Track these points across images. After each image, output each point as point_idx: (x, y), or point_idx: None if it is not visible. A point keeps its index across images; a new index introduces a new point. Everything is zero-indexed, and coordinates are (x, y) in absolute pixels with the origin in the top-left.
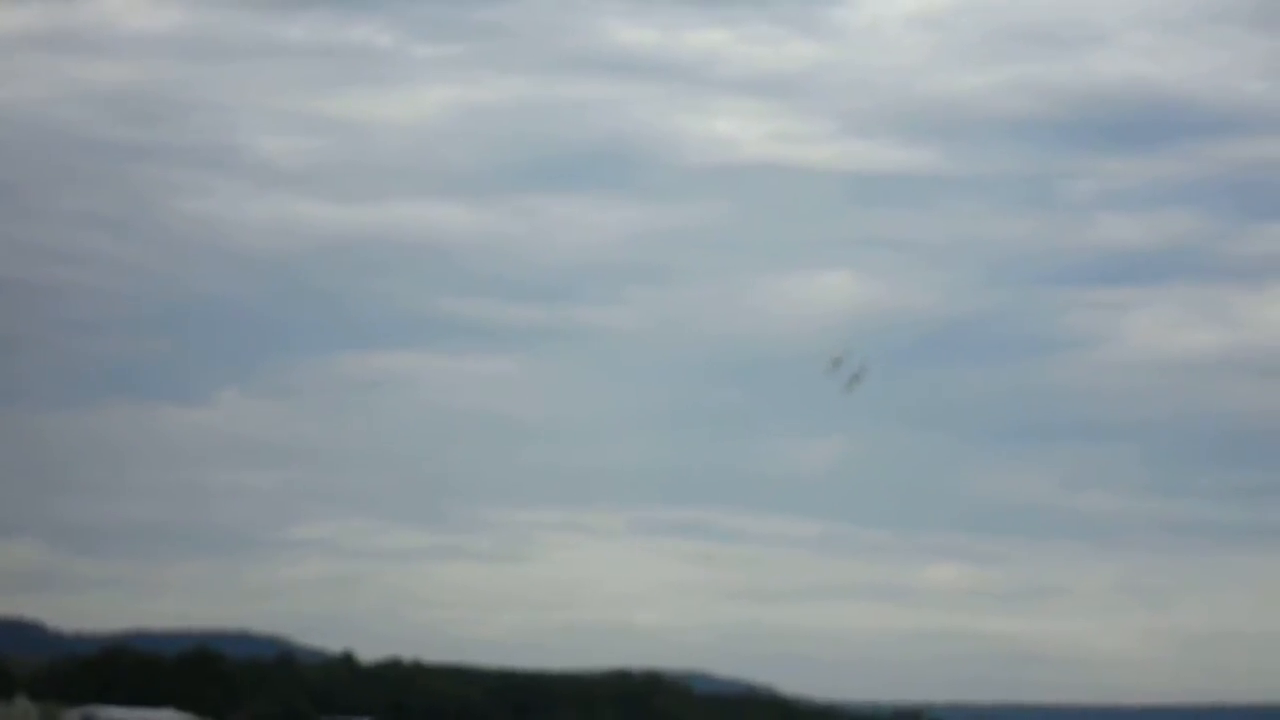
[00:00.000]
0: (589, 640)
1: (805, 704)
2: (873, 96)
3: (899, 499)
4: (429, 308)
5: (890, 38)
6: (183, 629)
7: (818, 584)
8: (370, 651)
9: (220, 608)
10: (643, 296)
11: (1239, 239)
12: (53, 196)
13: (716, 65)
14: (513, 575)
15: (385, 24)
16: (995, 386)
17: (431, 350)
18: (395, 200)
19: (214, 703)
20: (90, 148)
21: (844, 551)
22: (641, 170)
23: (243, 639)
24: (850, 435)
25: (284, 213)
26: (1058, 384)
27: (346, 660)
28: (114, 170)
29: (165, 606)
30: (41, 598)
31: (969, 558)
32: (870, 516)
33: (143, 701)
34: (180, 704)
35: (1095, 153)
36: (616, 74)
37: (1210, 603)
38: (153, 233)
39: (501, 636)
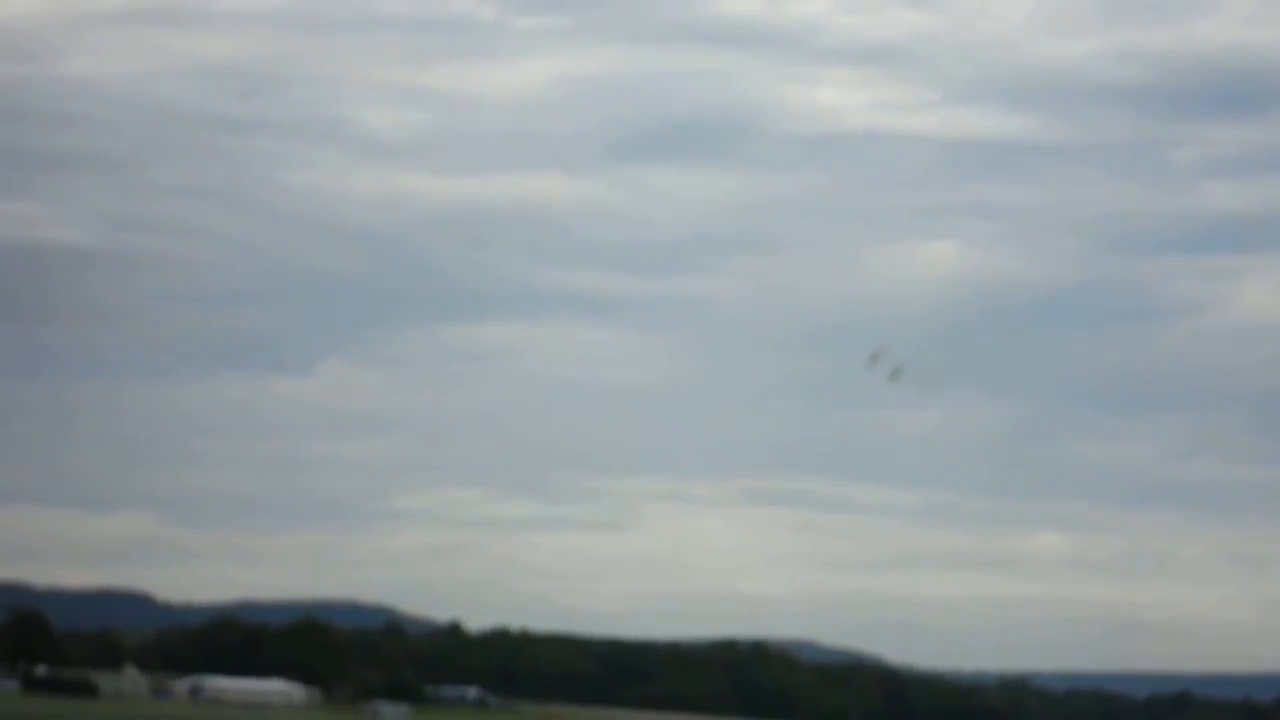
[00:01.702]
0: (695, 609)
1: (911, 672)
2: (975, 64)
3: (1001, 468)
4: (532, 279)
5: (992, 5)
6: (290, 599)
7: (922, 553)
8: (477, 621)
9: (327, 578)
10: (745, 266)
11: None
12: (155, 170)
13: (819, 34)
14: (618, 544)
15: None
16: (1099, 354)
17: (535, 321)
18: (498, 172)
19: (322, 672)
20: (192, 121)
21: (947, 521)
22: (744, 140)
23: (350, 609)
24: (953, 404)
25: (387, 185)
26: (1162, 352)
27: (454, 630)
28: (217, 144)
29: (272, 577)
30: (150, 569)
31: (1072, 526)
32: (973, 486)
33: (251, 671)
34: (288, 673)
35: (1200, 120)
36: (719, 44)
37: None
38: (255, 205)
39: (607, 605)
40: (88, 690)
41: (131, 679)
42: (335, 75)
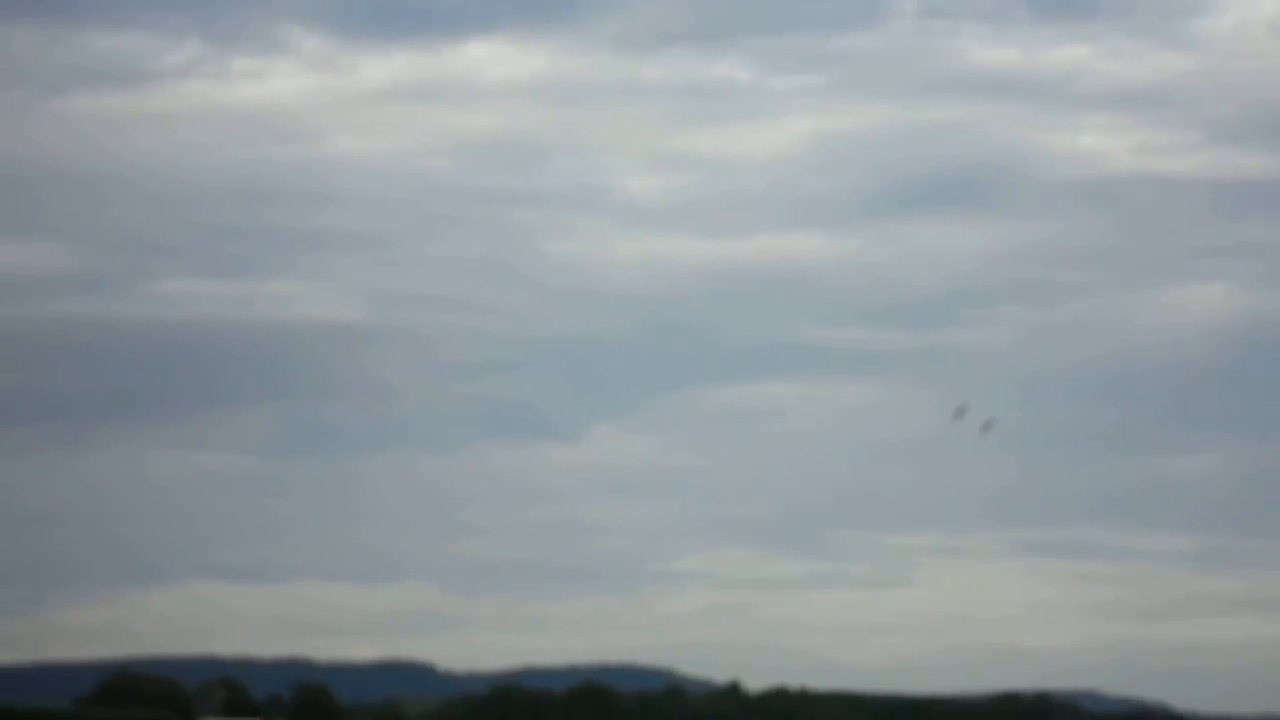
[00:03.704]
0: (974, 663)
1: (1198, 718)
2: (1239, 104)
3: (1277, 509)
4: (796, 337)
5: (1254, 44)
6: (571, 664)
7: (1204, 597)
8: (756, 680)
9: (607, 641)
10: (1011, 316)
11: None
12: (426, 244)
13: (1078, 80)
14: (893, 600)
15: (743, 59)
16: None
17: (801, 379)
18: (760, 232)
19: None
20: (460, 195)
21: (1226, 564)
22: (1007, 189)
23: (630, 672)
24: (1230, 446)
25: (651, 249)
26: None
27: (733, 690)
28: (484, 216)
29: (553, 643)
30: (431, 639)
31: None
32: (1249, 528)
33: None
34: None
35: None
36: (977, 95)
37: None
38: (524, 275)
39: (886, 662)
40: None
41: None
42: (597, 143)
